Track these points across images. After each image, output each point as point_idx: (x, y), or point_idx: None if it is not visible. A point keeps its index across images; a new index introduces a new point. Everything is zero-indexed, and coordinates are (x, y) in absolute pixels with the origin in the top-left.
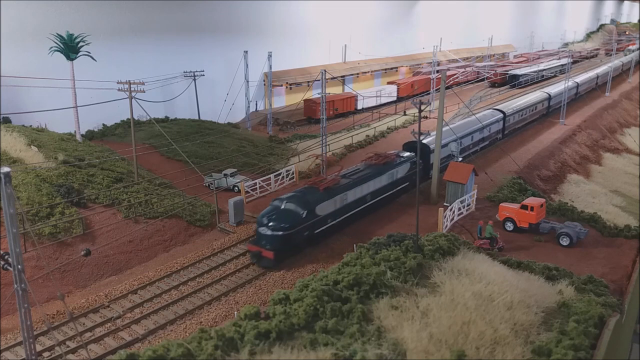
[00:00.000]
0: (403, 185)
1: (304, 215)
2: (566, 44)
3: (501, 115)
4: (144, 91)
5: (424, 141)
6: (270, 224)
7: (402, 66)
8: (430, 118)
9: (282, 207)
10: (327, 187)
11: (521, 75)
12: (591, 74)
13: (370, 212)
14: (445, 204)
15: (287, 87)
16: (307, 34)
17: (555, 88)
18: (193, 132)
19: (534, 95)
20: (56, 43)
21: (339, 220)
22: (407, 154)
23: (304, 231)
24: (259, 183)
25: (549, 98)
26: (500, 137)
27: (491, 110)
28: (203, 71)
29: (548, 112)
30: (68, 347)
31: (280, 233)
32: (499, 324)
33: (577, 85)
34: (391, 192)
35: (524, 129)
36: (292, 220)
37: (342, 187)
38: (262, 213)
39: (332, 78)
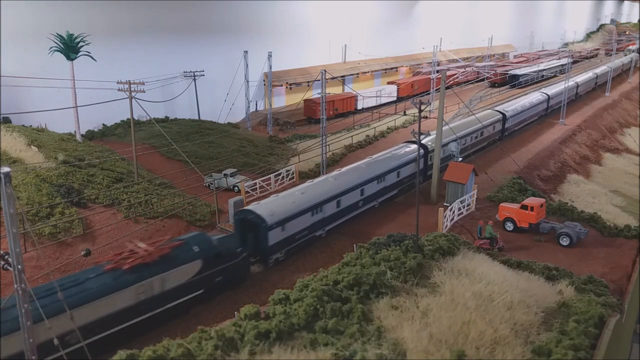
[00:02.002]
0: (181, 300)
1: None
2: (566, 44)
3: (422, 152)
4: (144, 91)
5: (256, 210)
6: None
7: (402, 66)
8: (430, 118)
9: None
10: None
11: (521, 75)
12: (569, 83)
13: None
14: (445, 204)
15: (287, 87)
16: (307, 34)
17: (514, 105)
18: (193, 132)
19: (481, 118)
20: (56, 43)
21: None
22: (215, 238)
23: None
24: (259, 183)
25: (504, 119)
26: (422, 180)
27: (405, 144)
28: (203, 71)
29: (502, 136)
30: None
31: None
32: (499, 324)
33: (548, 98)
34: (136, 319)
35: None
36: None
37: None
38: None
39: (332, 78)
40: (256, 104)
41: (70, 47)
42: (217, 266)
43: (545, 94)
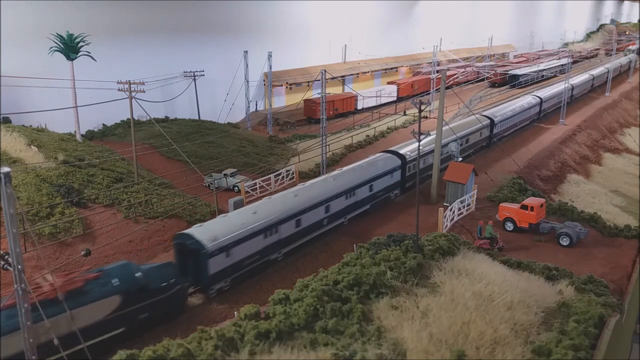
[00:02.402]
0: (94, 340)
1: None
2: (566, 44)
3: (399, 163)
4: (144, 91)
5: (195, 234)
6: None
7: (402, 66)
8: (430, 118)
9: None
10: None
11: (521, 75)
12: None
13: None
14: (445, 204)
15: (287, 87)
16: (307, 34)
17: (503, 109)
18: (193, 132)
19: (466, 124)
20: (56, 43)
21: None
22: (144, 268)
23: None
24: (259, 183)
25: (491, 124)
26: (399, 193)
27: (381, 154)
28: (203, 71)
29: (490, 142)
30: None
31: None
32: (499, 324)
33: (541, 102)
34: None
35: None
36: None
37: None
38: None
39: (332, 78)
40: (256, 104)
41: (70, 47)
42: (142, 301)
43: (538, 97)
